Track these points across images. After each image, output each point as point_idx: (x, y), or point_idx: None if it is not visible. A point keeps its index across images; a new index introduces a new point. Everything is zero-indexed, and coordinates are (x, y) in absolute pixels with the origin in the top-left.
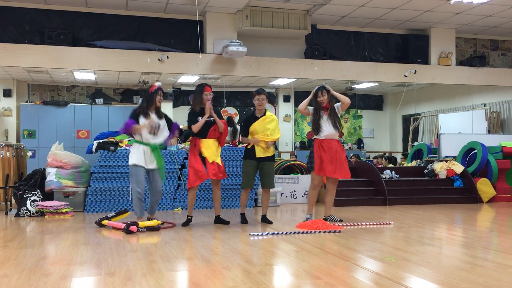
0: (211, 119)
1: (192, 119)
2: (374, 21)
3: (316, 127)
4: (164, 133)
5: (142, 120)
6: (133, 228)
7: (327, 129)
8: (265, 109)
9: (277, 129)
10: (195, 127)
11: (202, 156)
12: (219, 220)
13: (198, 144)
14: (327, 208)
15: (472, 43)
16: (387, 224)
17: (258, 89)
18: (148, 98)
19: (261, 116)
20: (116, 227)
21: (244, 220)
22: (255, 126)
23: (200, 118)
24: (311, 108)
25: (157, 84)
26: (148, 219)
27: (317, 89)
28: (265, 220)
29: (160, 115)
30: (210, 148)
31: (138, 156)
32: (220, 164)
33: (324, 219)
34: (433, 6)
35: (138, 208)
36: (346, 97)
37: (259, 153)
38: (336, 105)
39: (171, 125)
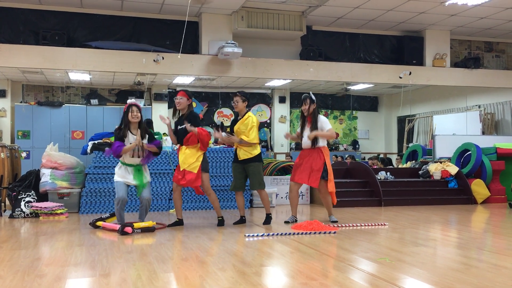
0: (183, 126)
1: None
2: (369, 22)
3: (299, 135)
4: (146, 152)
5: (126, 141)
6: (128, 229)
7: (304, 140)
8: (247, 110)
9: (252, 130)
10: (170, 139)
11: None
12: (220, 222)
13: (178, 150)
14: (327, 210)
15: (466, 45)
16: (382, 225)
17: (236, 91)
18: (124, 116)
19: (241, 118)
20: (110, 228)
21: (242, 221)
22: (235, 127)
23: (179, 126)
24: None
25: (129, 101)
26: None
27: (302, 97)
28: (267, 220)
29: (143, 134)
30: (181, 156)
31: (122, 174)
32: (194, 171)
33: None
34: (428, 8)
35: (118, 216)
36: (331, 133)
37: (242, 155)
38: (321, 123)
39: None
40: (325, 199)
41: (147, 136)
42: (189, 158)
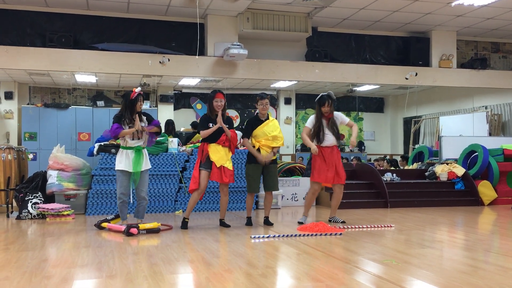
0: (219, 126)
1: (203, 124)
2: (375, 23)
3: (317, 136)
4: (146, 134)
5: (126, 126)
6: (134, 230)
7: (328, 139)
8: (268, 113)
9: (280, 136)
10: (204, 133)
11: (210, 160)
12: (221, 223)
13: (206, 149)
14: (332, 210)
15: (473, 46)
16: (388, 227)
17: (261, 93)
18: (129, 104)
19: (265, 120)
20: (115, 229)
21: (249, 223)
22: (258, 130)
23: (211, 124)
24: (311, 118)
25: (137, 90)
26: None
27: (323, 99)
28: (267, 222)
29: (141, 118)
30: (218, 153)
31: (123, 160)
32: (230, 168)
33: (328, 220)
34: (434, 8)
35: (121, 212)
36: (356, 126)
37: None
38: (337, 115)
39: (152, 121)
40: (337, 199)
41: (144, 118)
42: (226, 156)
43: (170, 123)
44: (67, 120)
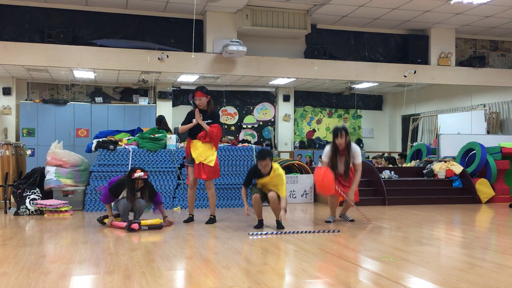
0: (206, 121)
1: (186, 119)
2: (374, 21)
3: (331, 164)
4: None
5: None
6: (135, 225)
7: (340, 168)
8: (271, 165)
9: (283, 185)
10: (181, 128)
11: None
12: (209, 220)
13: (188, 144)
14: (343, 208)
15: (472, 44)
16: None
17: (259, 153)
18: (129, 184)
19: (268, 174)
20: (117, 226)
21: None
22: (263, 181)
23: (194, 120)
24: (326, 149)
25: (136, 175)
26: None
27: (336, 130)
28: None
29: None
30: (197, 149)
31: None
32: (211, 165)
33: (339, 216)
34: (433, 6)
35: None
36: (359, 175)
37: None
38: (354, 152)
39: (153, 196)
40: (348, 204)
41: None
42: (205, 152)
43: (161, 119)
44: (65, 116)
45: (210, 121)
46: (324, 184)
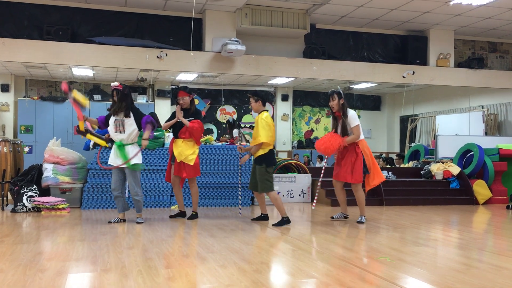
0: (189, 119)
1: (170, 117)
2: (373, 21)
3: (334, 129)
4: (130, 128)
5: (111, 120)
6: (65, 86)
7: (338, 132)
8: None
9: (259, 130)
10: (164, 126)
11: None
12: (190, 216)
13: (171, 143)
14: (359, 209)
15: (470, 45)
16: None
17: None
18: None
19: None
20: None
21: (262, 218)
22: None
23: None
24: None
25: (112, 84)
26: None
27: (329, 92)
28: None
29: (127, 113)
30: (177, 148)
31: (111, 154)
32: (191, 164)
33: (330, 218)
34: (432, 7)
35: (116, 204)
36: (356, 134)
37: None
38: (349, 119)
39: (141, 119)
40: (356, 198)
41: (132, 116)
42: (186, 151)
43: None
44: (64, 113)
45: (191, 118)
46: (328, 144)
